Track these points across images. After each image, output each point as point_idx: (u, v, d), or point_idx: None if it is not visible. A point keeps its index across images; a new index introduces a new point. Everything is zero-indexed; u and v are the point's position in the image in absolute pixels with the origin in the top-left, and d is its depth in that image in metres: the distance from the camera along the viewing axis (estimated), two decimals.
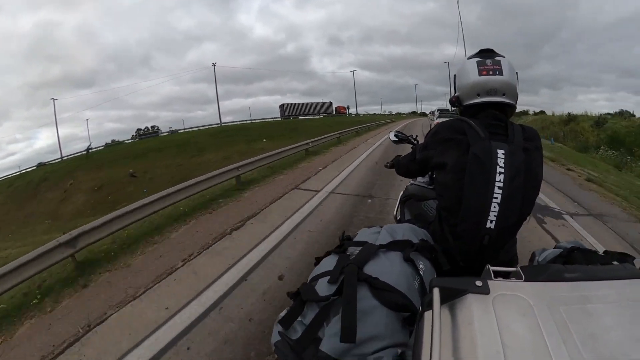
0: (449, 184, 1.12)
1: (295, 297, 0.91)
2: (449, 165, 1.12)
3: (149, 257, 3.59)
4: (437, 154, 1.19)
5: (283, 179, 6.87)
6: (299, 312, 0.86)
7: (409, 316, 0.82)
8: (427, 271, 0.96)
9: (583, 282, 0.66)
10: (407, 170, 1.54)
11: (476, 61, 1.18)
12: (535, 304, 0.60)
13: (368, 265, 0.91)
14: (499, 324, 0.57)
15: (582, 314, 0.58)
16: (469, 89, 1.20)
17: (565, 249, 1.11)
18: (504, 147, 1.07)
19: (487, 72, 1.16)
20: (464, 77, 1.22)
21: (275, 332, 0.87)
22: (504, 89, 1.16)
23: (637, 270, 0.74)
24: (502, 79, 1.15)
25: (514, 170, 1.05)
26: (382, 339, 0.76)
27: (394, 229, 1.11)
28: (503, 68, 1.15)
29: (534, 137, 1.15)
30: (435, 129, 1.25)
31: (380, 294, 0.82)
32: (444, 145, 1.17)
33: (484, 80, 1.16)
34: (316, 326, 0.81)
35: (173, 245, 3.84)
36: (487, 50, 1.22)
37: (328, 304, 0.83)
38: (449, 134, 1.16)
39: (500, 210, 1.04)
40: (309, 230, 3.90)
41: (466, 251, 1.12)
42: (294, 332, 0.84)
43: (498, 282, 0.67)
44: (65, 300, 2.98)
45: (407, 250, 0.98)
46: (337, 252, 1.03)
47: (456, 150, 1.11)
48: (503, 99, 1.17)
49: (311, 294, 0.87)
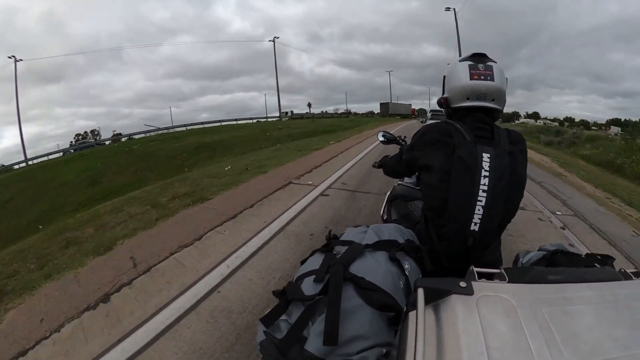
0: (435, 185, 1.13)
1: (281, 296, 0.89)
2: (435, 167, 1.13)
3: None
4: (424, 156, 1.19)
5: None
6: (283, 310, 0.85)
7: (394, 316, 0.81)
8: (412, 271, 0.96)
9: (565, 284, 0.67)
10: (394, 170, 1.55)
11: (468, 65, 1.19)
12: (519, 305, 0.61)
13: (354, 265, 0.90)
14: (482, 325, 0.57)
15: (564, 314, 0.59)
16: (459, 92, 1.20)
17: (548, 252, 1.14)
18: (490, 151, 1.08)
19: (478, 76, 1.16)
20: (454, 80, 1.22)
21: (261, 331, 0.86)
22: (493, 95, 1.17)
23: (616, 273, 0.75)
24: (492, 85, 1.16)
25: (499, 173, 1.06)
26: (367, 339, 0.76)
27: (381, 228, 1.10)
28: (495, 74, 1.16)
29: (519, 140, 1.17)
30: (422, 130, 1.25)
31: (366, 293, 0.82)
32: (430, 147, 1.18)
33: (475, 85, 1.16)
34: (301, 325, 0.80)
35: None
36: (480, 54, 1.22)
37: (313, 303, 0.82)
38: (436, 136, 1.17)
39: (484, 213, 1.06)
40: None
41: (451, 252, 1.14)
42: (279, 332, 0.82)
43: (482, 283, 0.68)
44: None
45: (393, 250, 0.98)
46: (324, 251, 1.02)
47: (442, 153, 1.12)
48: (492, 104, 1.18)
49: (297, 293, 0.86)
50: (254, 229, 3.37)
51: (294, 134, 20.35)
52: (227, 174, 6.38)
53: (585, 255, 1.08)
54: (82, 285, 2.52)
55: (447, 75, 1.27)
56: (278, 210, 3.96)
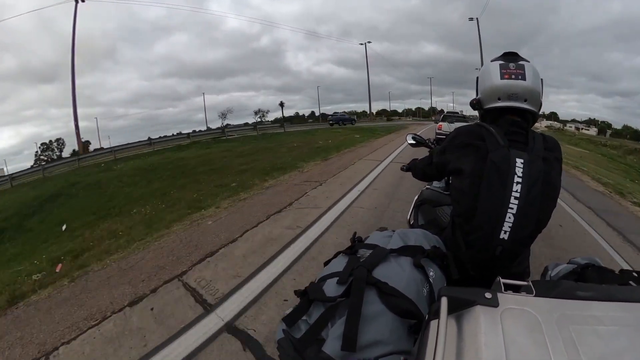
0: (465, 190, 1.11)
1: (303, 296, 0.91)
2: (465, 172, 1.11)
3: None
4: (455, 159, 1.17)
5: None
6: (305, 311, 0.87)
7: (415, 323, 0.81)
8: (437, 279, 0.96)
9: (596, 302, 0.64)
10: (424, 174, 1.53)
11: (499, 64, 1.16)
12: (544, 321, 0.59)
13: (378, 269, 0.91)
14: (505, 338, 0.56)
15: (592, 335, 0.57)
16: (490, 92, 1.18)
17: (579, 265, 1.08)
18: (523, 156, 1.05)
19: (509, 75, 1.13)
20: (486, 80, 1.20)
21: (280, 330, 0.88)
22: (525, 95, 1.13)
23: None
24: (524, 84, 1.12)
25: (532, 180, 1.03)
26: (386, 345, 0.76)
27: (406, 233, 1.10)
28: (526, 73, 1.13)
29: (555, 147, 1.13)
30: (454, 133, 1.23)
31: (388, 299, 0.82)
32: (461, 151, 1.15)
33: (506, 84, 1.13)
34: (320, 326, 0.81)
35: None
36: (511, 53, 1.19)
37: (334, 305, 0.83)
38: (468, 139, 1.15)
39: (515, 221, 1.02)
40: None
41: (478, 261, 1.11)
42: (298, 331, 0.84)
43: (508, 295, 0.66)
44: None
45: (418, 256, 0.98)
46: (348, 254, 1.03)
47: (474, 157, 1.10)
48: (524, 104, 1.14)
49: (318, 293, 0.88)
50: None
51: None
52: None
53: (620, 271, 1.02)
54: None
55: (480, 76, 1.24)
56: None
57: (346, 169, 7.42)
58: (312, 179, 6.43)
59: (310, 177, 6.67)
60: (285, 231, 3.71)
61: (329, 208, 4.49)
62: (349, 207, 4.59)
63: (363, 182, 6.04)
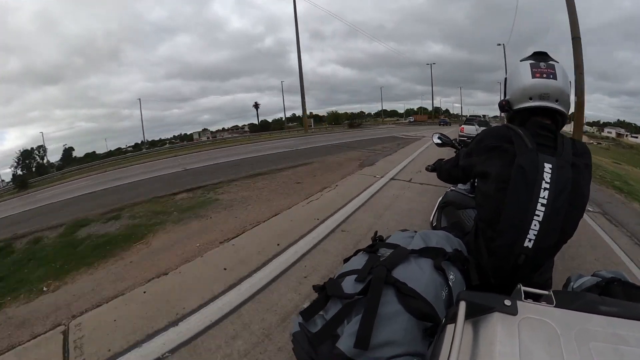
0: (490, 194, 1.08)
1: (321, 291, 0.93)
2: (492, 175, 1.08)
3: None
4: (481, 162, 1.15)
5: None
6: (322, 306, 0.88)
7: (432, 326, 0.82)
8: (456, 282, 0.95)
9: (620, 319, 0.61)
10: (449, 175, 1.50)
11: (530, 63, 1.13)
12: (563, 334, 0.58)
13: (397, 269, 0.91)
14: (520, 349, 0.56)
15: (613, 354, 0.54)
16: (521, 92, 1.15)
17: (604, 279, 1.03)
18: (552, 161, 1.01)
19: (540, 74, 1.11)
20: (516, 80, 1.17)
21: (296, 323, 0.89)
22: (557, 95, 1.10)
23: None
24: (555, 84, 1.10)
25: (560, 186, 0.99)
26: (400, 346, 0.77)
27: (429, 235, 1.09)
28: (557, 73, 1.10)
29: (585, 152, 1.08)
30: (481, 135, 1.21)
31: (406, 299, 0.83)
32: (488, 154, 1.13)
33: (537, 83, 1.11)
34: (336, 323, 0.82)
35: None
36: (541, 53, 1.17)
37: (351, 302, 0.84)
38: (495, 141, 1.12)
39: (540, 229, 0.99)
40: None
41: (499, 268, 1.09)
42: (314, 326, 0.86)
43: (527, 303, 0.65)
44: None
45: (439, 258, 0.97)
46: (368, 252, 1.04)
47: (501, 160, 1.07)
48: (556, 105, 1.11)
49: (337, 290, 0.89)
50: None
51: None
52: None
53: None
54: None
55: (508, 76, 1.21)
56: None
57: None
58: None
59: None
60: None
61: None
62: None
63: None
